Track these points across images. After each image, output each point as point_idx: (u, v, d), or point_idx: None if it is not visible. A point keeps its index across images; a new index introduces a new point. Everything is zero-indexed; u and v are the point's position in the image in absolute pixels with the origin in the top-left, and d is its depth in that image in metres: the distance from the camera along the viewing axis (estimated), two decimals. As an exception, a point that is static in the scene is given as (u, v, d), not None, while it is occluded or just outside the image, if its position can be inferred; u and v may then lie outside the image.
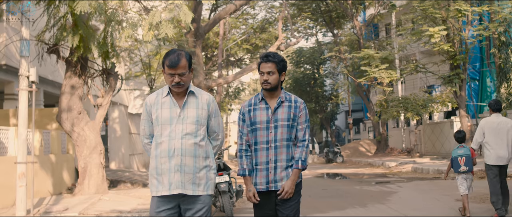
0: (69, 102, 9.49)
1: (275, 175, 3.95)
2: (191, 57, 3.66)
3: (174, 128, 3.61)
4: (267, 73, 3.97)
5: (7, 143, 8.94)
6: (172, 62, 3.58)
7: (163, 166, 3.60)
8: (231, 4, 18.44)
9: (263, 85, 3.97)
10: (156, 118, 3.67)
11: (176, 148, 3.60)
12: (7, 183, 8.68)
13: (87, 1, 7.90)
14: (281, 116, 3.98)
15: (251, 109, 4.05)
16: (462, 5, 17.18)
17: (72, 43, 8.59)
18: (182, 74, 3.61)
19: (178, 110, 3.65)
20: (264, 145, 3.96)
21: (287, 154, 3.97)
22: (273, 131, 3.95)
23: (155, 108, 3.69)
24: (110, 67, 9.94)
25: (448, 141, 24.23)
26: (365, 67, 21.30)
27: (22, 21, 7.59)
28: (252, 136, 4.00)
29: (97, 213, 7.72)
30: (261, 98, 4.05)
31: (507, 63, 18.78)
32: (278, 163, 3.95)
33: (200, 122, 3.70)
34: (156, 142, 3.67)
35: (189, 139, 3.62)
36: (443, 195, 10.81)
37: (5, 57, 14.91)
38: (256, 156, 3.99)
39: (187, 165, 3.59)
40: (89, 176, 9.56)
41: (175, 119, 3.63)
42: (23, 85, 7.58)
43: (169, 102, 3.68)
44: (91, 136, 9.57)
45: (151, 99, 3.73)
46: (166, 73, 3.64)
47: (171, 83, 3.62)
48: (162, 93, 3.74)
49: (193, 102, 3.70)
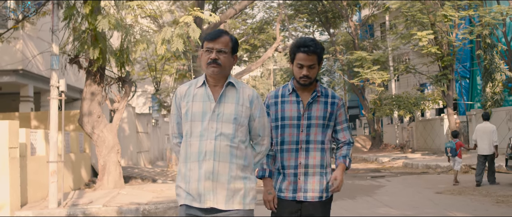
0: (89, 107, 10.62)
1: (305, 183, 3.32)
2: (237, 41, 3.08)
3: (207, 126, 2.97)
4: (307, 67, 3.28)
5: (36, 144, 10.06)
6: (213, 35, 3.02)
7: (192, 172, 2.98)
8: (231, 9, 19.50)
9: (301, 80, 3.31)
10: (186, 112, 3.05)
11: (208, 150, 2.95)
12: (37, 180, 9.82)
13: (107, 19, 9.02)
14: (315, 113, 3.35)
15: (278, 101, 3.41)
16: (449, 11, 18.32)
17: (92, 55, 9.71)
18: (221, 51, 2.99)
19: (213, 104, 3.00)
20: (293, 146, 3.33)
21: (322, 158, 3.35)
22: (305, 130, 3.32)
23: (185, 101, 3.07)
24: (125, 75, 11.07)
25: (439, 137, 25.40)
26: (358, 69, 22.47)
27: (52, 38, 8.70)
28: (278, 134, 3.37)
29: (118, 205, 8.86)
30: (292, 89, 3.40)
31: (492, 64, 19.94)
32: (310, 169, 3.33)
33: (239, 121, 3.03)
34: (185, 143, 3.05)
35: (224, 141, 2.97)
36: (426, 188, 11.91)
37: (21, 62, 16.04)
38: (282, 158, 3.37)
39: (221, 173, 2.96)
40: (108, 173, 10.72)
41: (208, 114, 2.99)
42: (54, 94, 8.70)
43: (203, 93, 3.04)
44: (109, 137, 10.71)
45: (182, 90, 3.13)
46: (204, 50, 3.03)
47: (207, 60, 2.99)
48: (196, 83, 3.11)
49: (232, 96, 3.04)
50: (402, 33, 21.59)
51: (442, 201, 9.63)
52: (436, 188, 11.67)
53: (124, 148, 18.52)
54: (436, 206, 9.14)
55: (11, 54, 15.42)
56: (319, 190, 3.34)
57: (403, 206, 9.19)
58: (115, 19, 9.26)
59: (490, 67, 20.06)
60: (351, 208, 9.12)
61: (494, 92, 20.09)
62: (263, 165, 3.37)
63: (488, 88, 20.22)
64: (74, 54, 10.59)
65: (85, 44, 9.84)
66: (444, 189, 11.40)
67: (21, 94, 17.48)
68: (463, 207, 8.87)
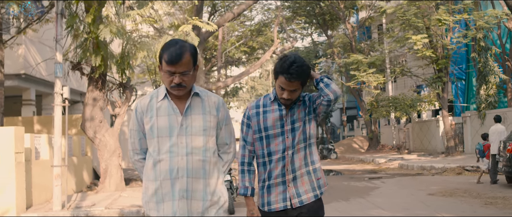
0: (91, 112, 10.95)
1: (296, 188, 3.21)
2: (196, 51, 2.88)
3: (176, 141, 2.82)
4: (289, 91, 3.15)
5: (40, 148, 10.39)
6: (173, 57, 2.75)
7: (164, 190, 2.83)
8: (229, 13, 19.83)
9: (281, 100, 3.20)
10: (151, 128, 2.87)
11: (180, 167, 2.82)
12: (41, 183, 10.15)
13: (109, 28, 9.35)
14: (297, 115, 3.24)
15: (260, 111, 3.27)
16: (443, 15, 18.68)
17: (95, 62, 10.04)
18: (184, 73, 2.79)
19: (180, 118, 2.85)
20: (280, 155, 3.20)
21: (305, 156, 3.25)
22: (290, 135, 3.21)
23: (149, 116, 2.88)
24: (125, 81, 11.40)
25: (435, 138, 25.75)
26: (354, 72, 22.83)
27: (56, 47, 9.03)
28: (263, 145, 3.23)
29: (120, 208, 9.19)
30: (274, 97, 3.28)
31: (486, 67, 20.31)
32: (297, 172, 3.22)
33: (209, 132, 2.91)
34: (153, 160, 2.87)
35: (196, 156, 2.84)
36: (419, 190, 12.22)
37: (23, 67, 16.38)
38: (269, 169, 3.23)
39: (196, 190, 2.84)
40: (110, 176, 11.06)
41: (176, 129, 2.83)
42: (58, 101, 9.03)
43: (167, 107, 2.87)
44: (111, 141, 11.04)
45: (143, 104, 2.94)
46: (164, 71, 2.82)
47: (170, 84, 2.81)
48: (157, 95, 2.93)
49: (198, 107, 2.91)
50: (397, 36, 21.98)
51: (433, 203, 9.95)
52: (428, 190, 11.99)
53: (124, 151, 18.87)
54: (427, 207, 9.46)
55: (14, 58, 15.75)
56: (311, 189, 3.24)
57: (395, 208, 9.51)
58: (116, 27, 9.58)
59: (484, 70, 20.44)
60: (344, 210, 9.45)
61: (488, 95, 20.46)
62: (245, 183, 3.24)
63: (482, 90, 20.59)
64: (77, 61, 10.93)
65: (87, 52, 10.17)
66: (436, 191, 11.72)
67: (23, 97, 17.82)
68: (452, 208, 9.19)
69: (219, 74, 26.05)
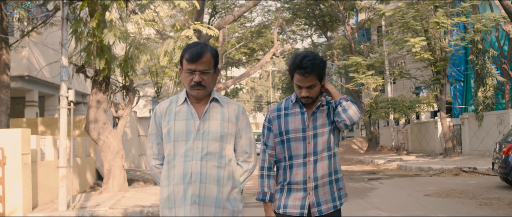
0: (95, 114, 11.19)
1: (317, 197, 3.14)
2: (218, 54, 2.90)
3: (191, 146, 2.81)
4: (306, 88, 3.08)
5: (45, 150, 10.63)
6: (194, 55, 2.79)
7: (177, 195, 2.81)
8: (230, 15, 20.06)
9: (301, 99, 3.14)
10: (168, 132, 2.86)
11: (193, 172, 2.80)
12: (46, 184, 10.39)
13: (113, 32, 9.59)
14: (321, 121, 3.16)
15: (282, 114, 3.21)
16: (441, 18, 18.93)
17: (98, 66, 10.28)
18: (205, 72, 2.81)
19: (197, 122, 2.85)
20: (300, 160, 3.14)
21: (329, 166, 3.17)
22: (312, 141, 3.13)
23: (167, 119, 2.88)
24: (128, 84, 11.64)
25: (433, 140, 25.99)
26: (353, 74, 23.10)
27: (61, 51, 9.26)
28: (284, 149, 3.17)
29: (124, 208, 9.42)
30: (295, 99, 3.21)
31: (483, 69, 20.56)
32: (319, 181, 3.14)
33: (226, 139, 2.89)
34: (168, 165, 2.87)
35: (211, 161, 2.83)
36: (416, 191, 12.43)
37: (27, 68, 16.64)
38: (290, 174, 3.16)
39: (208, 196, 2.81)
40: (113, 176, 11.30)
41: (192, 133, 2.83)
42: (63, 103, 9.26)
43: (186, 111, 2.88)
44: (114, 143, 11.28)
45: (162, 108, 2.95)
46: (185, 70, 2.85)
47: (190, 83, 2.83)
48: (177, 100, 2.94)
49: (217, 113, 2.89)
50: (396, 39, 22.25)
51: (429, 204, 10.17)
52: (425, 191, 12.20)
53: (126, 151, 19.10)
54: (422, 208, 9.69)
55: (17, 60, 16.02)
56: (331, 199, 3.20)
57: (392, 209, 9.73)
58: (120, 31, 9.82)
59: (482, 72, 20.69)
60: (342, 210, 9.65)
61: (485, 96, 20.71)
62: (263, 188, 3.19)
63: (480, 92, 20.84)
64: (81, 64, 11.17)
65: (91, 55, 10.41)
66: (433, 192, 11.94)
67: (26, 99, 18.10)
68: (447, 209, 9.42)
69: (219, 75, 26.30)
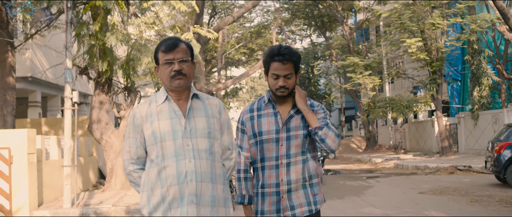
0: (98, 115, 11.51)
1: (290, 200, 3.06)
2: (193, 49, 2.85)
3: (181, 144, 2.71)
4: (284, 77, 3.02)
5: (50, 149, 10.95)
6: (169, 44, 2.74)
7: (172, 197, 2.69)
8: (229, 17, 20.39)
9: (278, 91, 3.05)
10: (152, 133, 2.73)
11: (188, 171, 2.70)
12: (51, 182, 10.71)
13: (115, 36, 9.90)
14: (295, 124, 3.07)
15: (254, 115, 3.14)
16: (437, 19, 19.25)
17: (101, 68, 10.59)
18: (183, 60, 2.74)
19: (183, 120, 2.75)
20: (273, 162, 3.08)
21: (303, 171, 3.09)
22: (285, 143, 3.06)
23: (149, 121, 2.75)
24: (130, 85, 11.96)
25: (430, 138, 26.31)
26: (350, 74, 23.43)
27: (66, 54, 9.58)
28: (257, 150, 3.11)
29: (126, 205, 9.74)
30: (268, 100, 3.14)
31: (479, 69, 20.87)
32: (292, 185, 3.07)
33: (213, 135, 2.82)
34: (157, 167, 2.72)
35: (203, 159, 2.75)
36: (411, 188, 12.74)
37: (30, 69, 16.95)
38: (262, 176, 3.10)
39: (204, 195, 2.73)
40: (115, 175, 11.62)
41: (179, 132, 2.72)
42: (68, 105, 9.58)
43: (168, 110, 2.76)
44: (117, 142, 11.59)
45: (142, 110, 2.80)
46: (163, 63, 2.75)
47: (170, 73, 2.73)
48: (156, 100, 2.82)
49: (200, 109, 2.82)
50: (393, 39, 22.58)
51: (423, 201, 10.47)
52: (420, 189, 12.51)
53: (128, 151, 19.48)
54: (416, 205, 10.00)
55: (21, 62, 16.33)
56: (306, 203, 3.08)
57: (386, 206, 10.03)
58: (122, 34, 10.13)
59: (477, 72, 21.00)
60: (337, 208, 9.99)
61: (481, 96, 21.02)
62: (241, 191, 3.15)
63: (476, 92, 21.15)
64: (84, 66, 11.49)
65: (94, 57, 10.72)
66: (427, 189, 12.25)
67: (29, 99, 18.41)
68: (440, 206, 9.73)
69: (219, 75, 26.61)
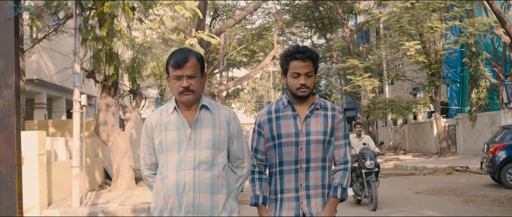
0: (105, 117, 11.89)
1: (309, 207, 2.99)
2: (203, 58, 2.87)
3: (184, 156, 2.77)
4: (305, 75, 2.95)
5: (58, 150, 11.33)
6: (179, 60, 2.75)
7: (171, 206, 2.77)
8: (231, 20, 20.73)
9: (299, 91, 2.96)
10: (160, 143, 2.82)
11: (186, 182, 2.75)
12: (59, 182, 11.09)
13: (121, 41, 10.28)
14: (314, 128, 3.00)
15: (272, 117, 3.05)
16: (435, 22, 19.61)
17: (108, 72, 10.98)
18: (192, 76, 2.77)
19: (188, 131, 2.80)
20: (292, 166, 3.00)
21: (323, 178, 3.03)
22: (304, 147, 2.98)
23: (158, 131, 2.84)
24: (135, 88, 12.33)
25: (429, 139, 26.64)
26: (350, 76, 23.79)
27: (74, 59, 9.96)
28: (275, 154, 3.04)
29: (132, 204, 10.11)
30: (287, 102, 3.06)
31: (477, 71, 21.22)
32: (311, 190, 3.00)
33: (218, 146, 2.83)
34: (161, 176, 2.82)
35: (204, 170, 2.78)
36: (408, 189, 13.05)
37: (36, 72, 17.34)
38: (281, 181, 3.03)
39: (202, 205, 2.76)
40: (121, 175, 12.00)
41: (184, 143, 2.79)
42: (76, 108, 9.95)
43: (176, 120, 2.83)
44: (123, 144, 11.97)
45: (153, 119, 2.89)
46: (172, 77, 2.81)
47: (178, 89, 2.78)
48: (167, 109, 2.89)
49: (208, 120, 2.84)
50: (392, 42, 22.95)
51: (418, 201, 10.79)
52: (417, 189, 12.83)
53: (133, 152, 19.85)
54: (412, 205, 10.32)
55: (27, 64, 16.70)
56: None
57: (383, 205, 10.38)
58: (128, 39, 10.51)
59: (475, 74, 21.35)
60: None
61: (479, 98, 21.36)
62: (255, 191, 3.09)
63: (473, 93, 21.50)
64: (91, 70, 11.87)
65: (100, 61, 11.09)
66: (424, 190, 12.57)
67: (35, 101, 18.79)
68: (434, 206, 10.06)
69: (221, 77, 26.92)
